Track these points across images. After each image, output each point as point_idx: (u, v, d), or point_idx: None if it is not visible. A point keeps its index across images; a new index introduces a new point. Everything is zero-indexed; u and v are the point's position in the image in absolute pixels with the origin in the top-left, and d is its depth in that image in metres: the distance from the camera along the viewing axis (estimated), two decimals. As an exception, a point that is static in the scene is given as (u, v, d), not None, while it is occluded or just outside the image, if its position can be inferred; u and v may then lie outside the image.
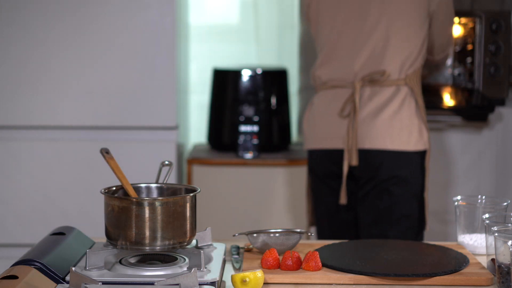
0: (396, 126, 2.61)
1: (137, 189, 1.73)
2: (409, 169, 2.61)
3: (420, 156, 2.63)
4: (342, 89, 2.65)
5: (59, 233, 1.76)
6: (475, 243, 1.90)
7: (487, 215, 1.75)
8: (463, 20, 3.25)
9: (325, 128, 2.68)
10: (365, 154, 2.62)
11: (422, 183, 2.64)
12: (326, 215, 2.73)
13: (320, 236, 2.76)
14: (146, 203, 1.57)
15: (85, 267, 1.57)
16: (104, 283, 1.47)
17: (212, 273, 1.56)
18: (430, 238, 2.92)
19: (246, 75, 3.45)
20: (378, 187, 2.61)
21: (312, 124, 2.72)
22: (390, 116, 2.61)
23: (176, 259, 1.64)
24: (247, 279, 1.56)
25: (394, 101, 2.62)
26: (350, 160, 2.62)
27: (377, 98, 2.62)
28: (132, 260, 1.64)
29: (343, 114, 2.63)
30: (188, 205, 1.62)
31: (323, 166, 2.71)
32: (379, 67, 2.61)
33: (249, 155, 3.34)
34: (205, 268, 1.58)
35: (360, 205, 2.65)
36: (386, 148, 2.61)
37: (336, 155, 2.66)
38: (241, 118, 3.41)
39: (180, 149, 3.29)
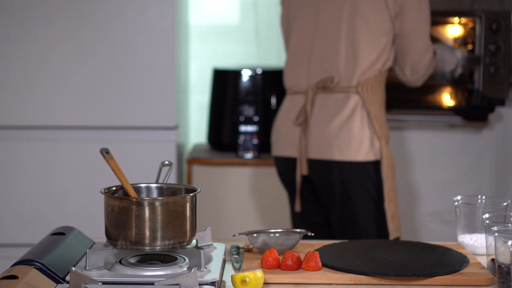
0: (344, 136, 2.55)
1: (137, 189, 1.73)
2: (359, 180, 2.56)
3: (373, 167, 2.56)
4: (299, 95, 2.63)
5: (59, 233, 1.76)
6: (475, 243, 1.90)
7: (487, 215, 1.75)
8: (463, 20, 3.25)
9: (284, 136, 2.68)
10: (315, 164, 2.60)
11: (378, 194, 2.57)
12: (298, 217, 2.74)
13: None
14: (146, 203, 1.57)
15: (85, 267, 1.57)
16: (104, 283, 1.47)
17: (212, 273, 1.56)
18: (430, 238, 2.92)
19: (246, 75, 3.45)
20: (332, 198, 2.59)
21: (275, 131, 2.73)
22: (339, 126, 2.55)
23: (176, 259, 1.64)
24: (247, 279, 1.56)
25: (344, 110, 2.56)
26: (301, 169, 2.61)
27: (328, 106, 2.58)
28: (132, 260, 1.64)
29: (297, 122, 2.62)
30: (188, 205, 1.62)
31: (285, 172, 2.71)
32: (330, 73, 2.58)
33: (249, 155, 3.34)
34: (205, 268, 1.58)
35: (327, 212, 2.66)
36: (334, 158, 2.56)
37: (293, 163, 2.66)
38: (241, 118, 3.41)
39: (180, 149, 3.29)
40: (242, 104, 3.42)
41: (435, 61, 2.73)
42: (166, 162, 1.81)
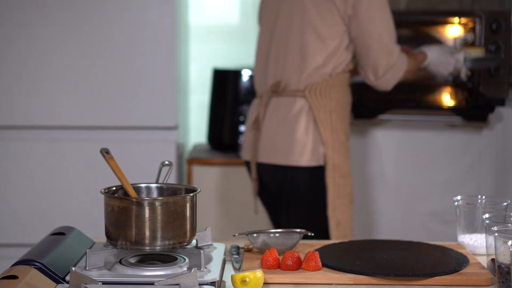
0: (288, 140, 2.55)
1: (137, 189, 1.73)
2: (302, 186, 2.56)
3: (317, 173, 2.55)
4: (258, 99, 2.67)
5: (59, 233, 1.76)
6: (475, 243, 1.90)
7: (487, 215, 1.75)
8: (463, 20, 3.25)
9: (245, 140, 2.72)
10: (264, 168, 2.62)
11: (321, 200, 2.56)
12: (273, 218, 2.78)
13: None
14: (146, 203, 1.57)
15: (85, 267, 1.57)
16: (104, 283, 1.47)
17: (212, 273, 1.56)
18: (430, 238, 2.92)
19: (246, 75, 3.45)
20: (280, 202, 2.61)
21: (244, 134, 2.77)
22: (284, 130, 2.56)
23: (176, 259, 1.64)
24: (247, 279, 1.56)
25: (290, 114, 2.56)
26: (253, 173, 2.64)
27: (277, 110, 2.58)
28: (132, 260, 1.64)
29: (252, 126, 2.64)
30: (188, 205, 1.62)
31: (250, 175, 2.74)
32: (281, 78, 2.58)
33: (249, 155, 3.33)
34: (205, 268, 1.58)
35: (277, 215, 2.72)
36: (278, 163, 2.57)
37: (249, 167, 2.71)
38: (241, 118, 3.41)
39: (180, 149, 3.29)
40: (242, 104, 3.42)
41: (405, 64, 2.59)
42: (166, 162, 1.81)
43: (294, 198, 2.56)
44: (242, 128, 3.39)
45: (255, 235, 1.80)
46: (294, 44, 2.55)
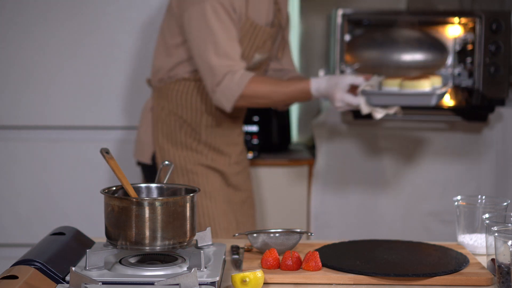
0: (137, 137, 2.70)
1: (137, 189, 1.73)
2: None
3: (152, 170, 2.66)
4: None
5: (59, 233, 1.76)
6: (475, 243, 1.90)
7: (487, 215, 1.76)
8: (463, 20, 3.25)
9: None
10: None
11: None
12: None
13: None
14: (146, 203, 1.57)
15: (85, 267, 1.57)
16: (104, 283, 1.47)
17: (212, 273, 1.56)
18: (430, 238, 2.92)
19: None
20: None
21: None
22: (138, 127, 2.71)
23: (176, 259, 1.64)
24: (247, 279, 1.56)
25: (142, 113, 2.71)
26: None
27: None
28: (132, 260, 1.64)
29: None
30: (188, 205, 1.62)
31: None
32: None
33: (249, 155, 3.34)
34: (205, 268, 1.58)
35: None
36: (137, 158, 2.71)
37: None
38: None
39: (180, 149, 3.29)
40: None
41: (242, 86, 2.42)
42: (166, 162, 1.81)
43: None
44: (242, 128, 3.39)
45: (255, 235, 1.81)
46: (157, 50, 2.65)
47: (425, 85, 2.48)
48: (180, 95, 2.60)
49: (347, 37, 3.28)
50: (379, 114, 2.41)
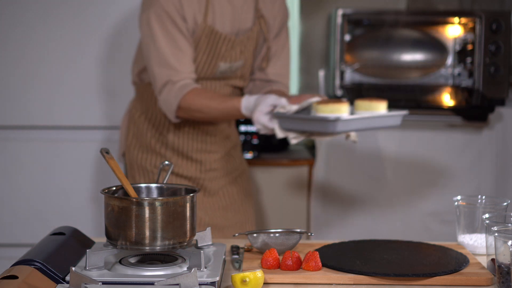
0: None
1: (137, 189, 1.73)
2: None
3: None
4: None
5: (59, 233, 1.76)
6: (475, 243, 1.90)
7: (487, 215, 1.76)
8: (463, 20, 3.25)
9: None
10: None
11: None
12: None
13: None
14: (146, 203, 1.57)
15: (85, 267, 1.57)
16: (104, 283, 1.47)
17: (212, 273, 1.56)
18: (430, 238, 2.91)
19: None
20: None
21: None
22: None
23: (176, 259, 1.64)
24: (247, 279, 1.56)
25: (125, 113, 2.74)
26: None
27: None
28: (132, 260, 1.64)
29: None
30: (188, 205, 1.62)
31: None
32: None
33: (249, 155, 3.34)
34: (205, 268, 1.58)
35: None
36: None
37: None
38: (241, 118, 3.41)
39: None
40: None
41: (178, 99, 2.38)
42: (166, 162, 1.81)
43: None
44: (242, 128, 3.40)
45: (255, 235, 1.81)
46: (136, 53, 2.67)
47: (380, 107, 2.27)
48: (150, 98, 2.59)
49: (347, 37, 3.28)
50: (293, 139, 2.21)
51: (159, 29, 2.37)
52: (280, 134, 2.20)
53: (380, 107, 2.27)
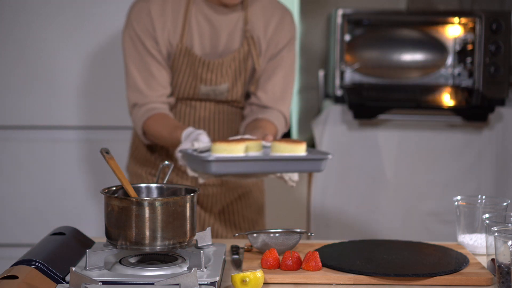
0: None
1: (137, 189, 1.73)
2: None
3: None
4: None
5: (59, 233, 1.76)
6: (475, 243, 1.90)
7: (487, 215, 1.76)
8: (463, 20, 3.25)
9: None
10: None
11: None
12: None
13: None
14: (146, 203, 1.57)
15: (85, 267, 1.58)
16: (104, 283, 1.47)
17: (212, 273, 1.56)
18: (430, 238, 2.91)
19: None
20: None
21: None
22: None
23: (176, 259, 1.64)
24: (247, 279, 1.56)
25: None
26: None
27: None
28: (132, 260, 1.64)
29: None
30: (188, 205, 1.62)
31: None
32: None
33: (249, 155, 3.33)
34: (205, 268, 1.58)
35: None
36: None
37: None
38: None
39: (180, 149, 3.28)
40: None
41: (140, 124, 2.37)
42: (166, 162, 1.81)
43: None
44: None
45: (255, 235, 1.81)
46: None
47: (297, 150, 2.03)
48: None
49: (347, 37, 3.29)
50: (200, 179, 2.11)
51: (131, 51, 2.36)
52: (189, 172, 2.09)
53: (296, 150, 2.01)
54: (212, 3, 2.35)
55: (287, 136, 3.50)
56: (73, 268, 1.47)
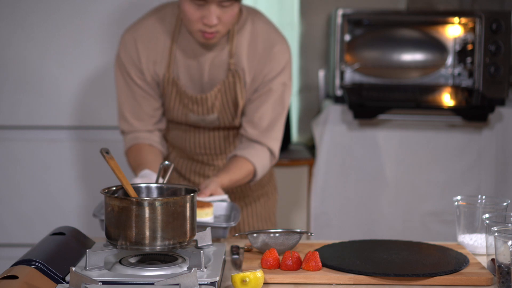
0: None
1: (137, 189, 1.73)
2: None
3: None
4: None
5: (59, 233, 1.76)
6: (475, 243, 1.90)
7: (487, 215, 1.76)
8: (463, 20, 3.25)
9: None
10: None
11: None
12: None
13: None
14: (146, 203, 1.57)
15: (85, 267, 1.58)
16: (104, 283, 1.47)
17: (212, 273, 1.56)
18: (430, 238, 2.92)
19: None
20: None
21: None
22: None
23: (176, 259, 1.64)
24: (247, 279, 1.56)
25: None
26: None
27: None
28: (132, 260, 1.64)
29: None
30: (188, 205, 1.62)
31: None
32: None
33: (249, 155, 3.33)
34: (205, 268, 1.58)
35: None
36: None
37: None
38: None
39: (180, 149, 3.29)
40: (242, 104, 3.41)
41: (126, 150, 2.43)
42: (166, 162, 1.81)
43: None
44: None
45: (255, 235, 1.81)
46: None
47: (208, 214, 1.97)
48: None
49: (347, 37, 3.29)
50: None
51: (119, 79, 2.41)
52: None
53: (201, 214, 1.95)
54: None
55: (287, 137, 3.50)
56: (73, 268, 1.47)
